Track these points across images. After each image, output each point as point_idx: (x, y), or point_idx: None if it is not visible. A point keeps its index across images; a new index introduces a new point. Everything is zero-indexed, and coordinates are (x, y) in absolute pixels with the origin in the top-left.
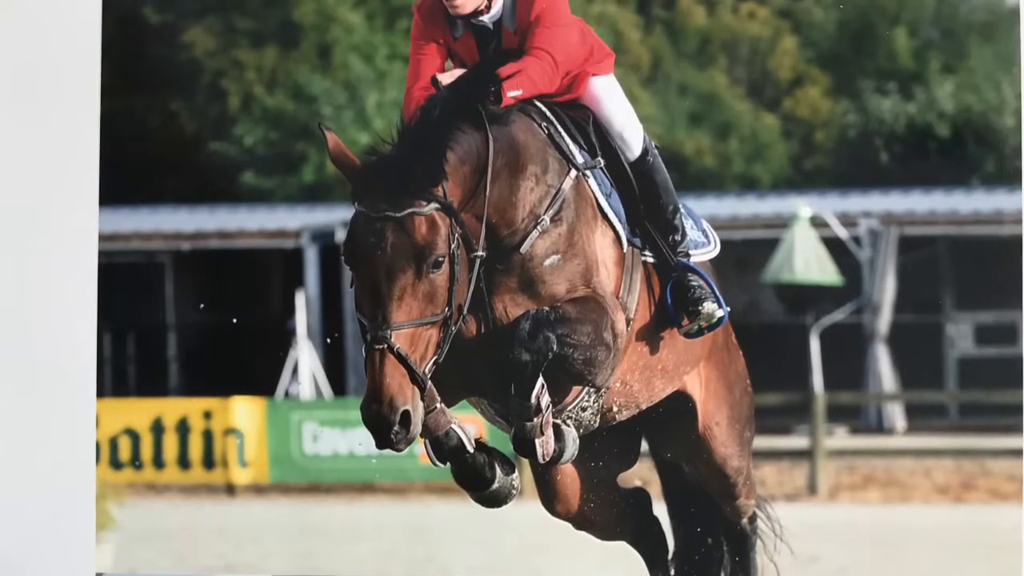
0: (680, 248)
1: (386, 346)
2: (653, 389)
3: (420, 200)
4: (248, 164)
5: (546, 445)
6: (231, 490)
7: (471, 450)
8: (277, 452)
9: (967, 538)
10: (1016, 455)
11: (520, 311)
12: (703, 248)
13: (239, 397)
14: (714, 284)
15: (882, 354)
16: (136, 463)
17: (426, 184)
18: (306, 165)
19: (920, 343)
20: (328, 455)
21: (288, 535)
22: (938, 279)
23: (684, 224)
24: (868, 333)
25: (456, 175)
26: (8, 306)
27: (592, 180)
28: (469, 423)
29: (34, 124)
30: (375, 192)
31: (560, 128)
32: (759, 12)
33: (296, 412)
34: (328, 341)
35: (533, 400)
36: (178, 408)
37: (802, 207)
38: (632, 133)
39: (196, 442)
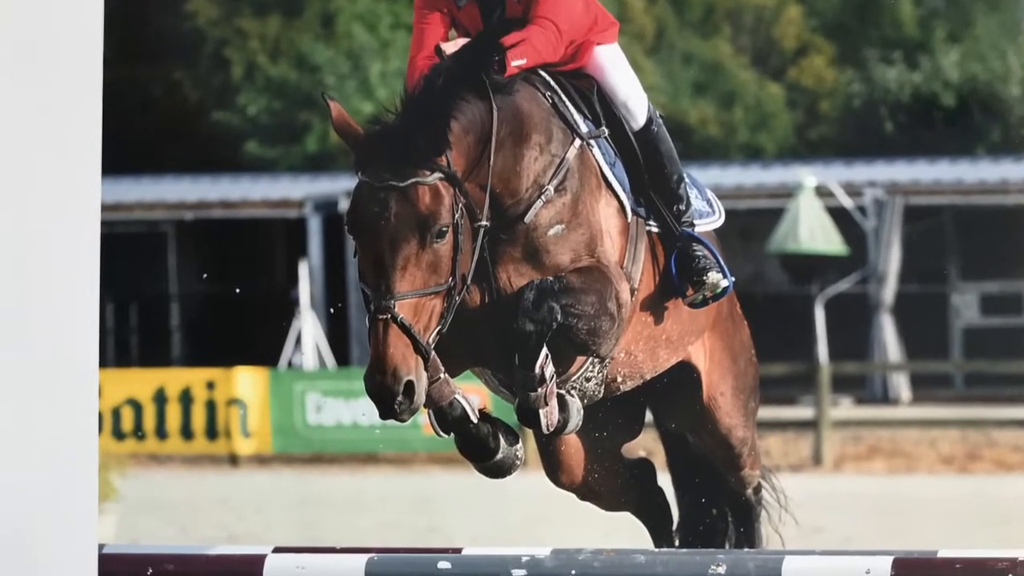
0: (684, 218)
1: (389, 316)
2: (657, 359)
3: (424, 170)
4: (251, 134)
5: (550, 415)
6: (234, 460)
7: (475, 420)
8: (280, 422)
9: (972, 508)
10: (1022, 425)
11: (524, 281)
12: (707, 218)
13: (242, 367)
14: (719, 254)
15: (887, 324)
16: (139, 434)
17: (430, 154)
18: (309, 135)
19: (925, 313)
20: (331, 425)
21: (291, 505)
22: (943, 249)
23: (688, 194)
24: (873, 303)
25: (460, 145)
26: (9, 277)
27: (596, 150)
28: (473, 393)
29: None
30: (378, 162)
31: (564, 97)
32: None
33: (299, 382)
34: (331, 311)
35: (537, 370)
36: (181, 378)
37: (807, 177)
38: (636, 102)
39: (199, 412)
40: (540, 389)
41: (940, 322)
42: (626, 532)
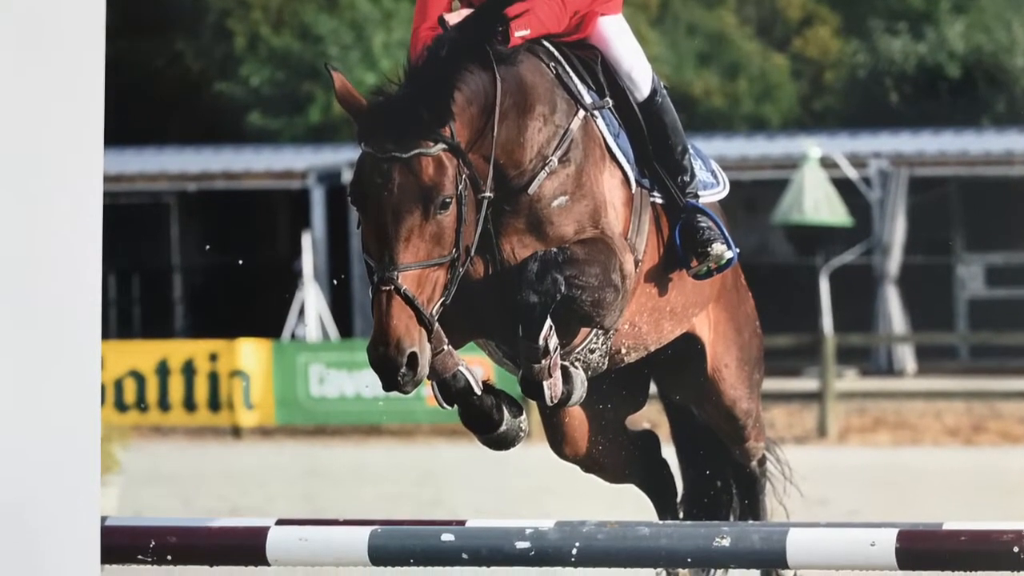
0: (689, 189)
1: (393, 287)
2: (662, 331)
3: (427, 141)
4: (254, 104)
5: (554, 387)
6: (237, 432)
7: (478, 392)
8: (283, 394)
9: (977, 480)
10: None
11: (528, 252)
12: (712, 189)
13: (245, 339)
14: (723, 225)
15: (892, 295)
16: (141, 405)
17: (433, 124)
18: (312, 105)
19: (930, 284)
20: (335, 397)
21: (294, 478)
22: (948, 220)
23: (693, 165)
24: (878, 274)
25: (463, 115)
26: (11, 248)
27: (600, 120)
28: (476, 365)
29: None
30: (382, 133)
31: (568, 68)
32: None
33: (302, 354)
34: (335, 282)
35: (541, 342)
36: (184, 350)
37: (812, 148)
38: (641, 73)
39: (202, 384)
40: (544, 361)
41: (945, 294)
42: (630, 504)
